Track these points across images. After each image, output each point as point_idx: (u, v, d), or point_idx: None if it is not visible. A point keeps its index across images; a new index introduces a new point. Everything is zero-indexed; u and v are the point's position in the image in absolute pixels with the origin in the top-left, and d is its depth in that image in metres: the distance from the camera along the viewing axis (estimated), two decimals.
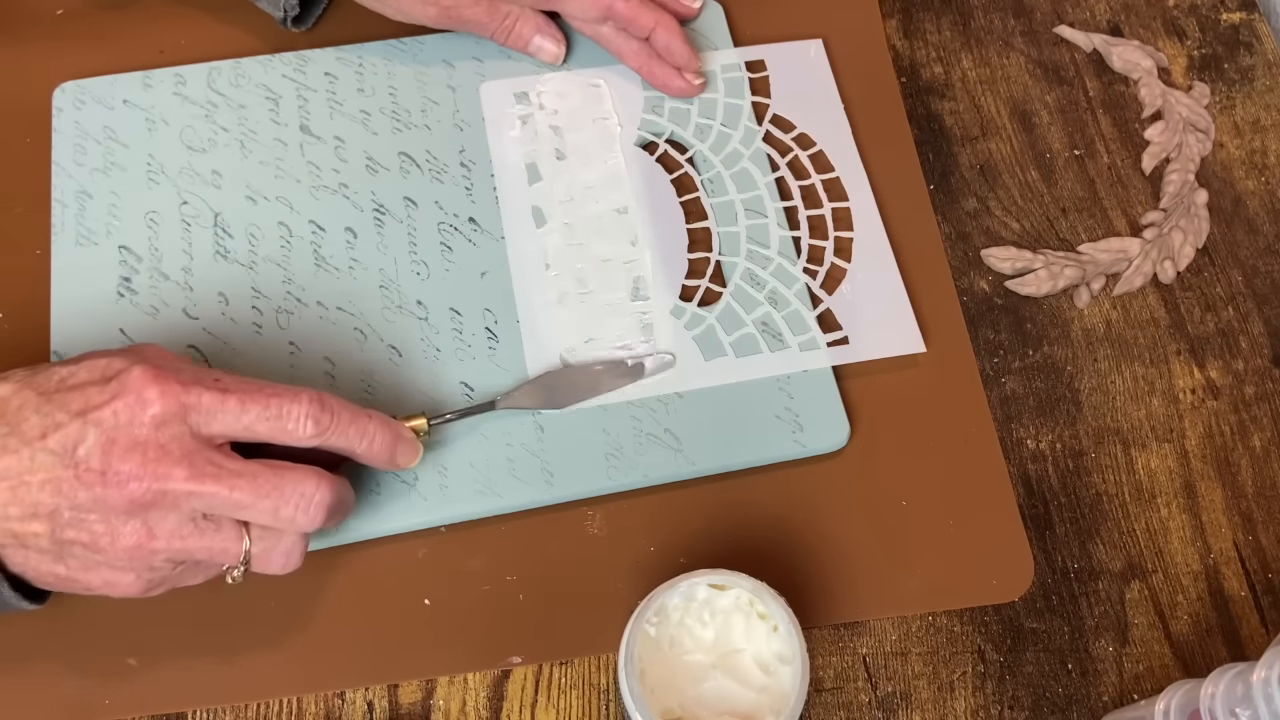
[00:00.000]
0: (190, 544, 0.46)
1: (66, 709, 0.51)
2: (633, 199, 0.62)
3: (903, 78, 0.68)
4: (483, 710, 0.52)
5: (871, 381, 0.59)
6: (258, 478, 0.46)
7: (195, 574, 0.48)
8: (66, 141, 0.62)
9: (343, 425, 0.48)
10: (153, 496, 0.44)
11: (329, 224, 0.60)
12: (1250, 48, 0.70)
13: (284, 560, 0.48)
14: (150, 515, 0.45)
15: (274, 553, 0.48)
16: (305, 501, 0.46)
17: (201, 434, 0.46)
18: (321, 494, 0.47)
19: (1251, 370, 0.61)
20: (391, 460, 0.51)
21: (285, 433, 0.47)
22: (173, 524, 0.45)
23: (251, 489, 0.46)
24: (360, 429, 0.49)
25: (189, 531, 0.45)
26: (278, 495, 0.46)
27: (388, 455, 0.51)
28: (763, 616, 0.46)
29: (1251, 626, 0.55)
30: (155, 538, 0.45)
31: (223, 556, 0.47)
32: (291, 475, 0.47)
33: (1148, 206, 0.65)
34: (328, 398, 0.48)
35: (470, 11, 0.63)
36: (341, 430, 0.48)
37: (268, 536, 0.47)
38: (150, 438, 0.44)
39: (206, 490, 0.45)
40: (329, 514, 0.47)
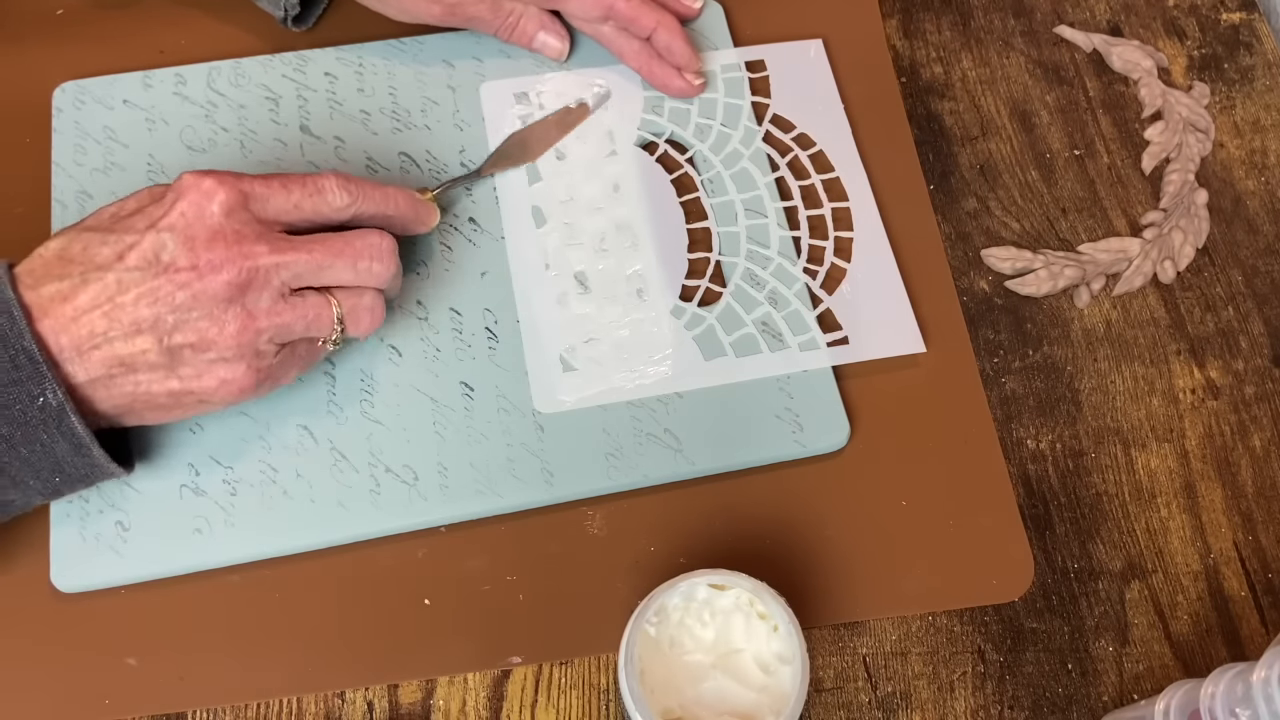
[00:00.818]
0: (287, 317, 0.49)
1: (66, 709, 0.51)
2: (633, 199, 0.62)
3: (903, 78, 0.68)
4: (483, 710, 0.52)
5: (871, 381, 0.59)
6: (329, 242, 0.50)
7: (294, 362, 0.52)
8: (66, 141, 0.62)
9: (368, 191, 0.52)
10: (246, 275, 0.47)
11: None
12: (1250, 48, 0.70)
13: (370, 317, 0.52)
14: (247, 297, 0.48)
15: (360, 310, 0.52)
16: (377, 250, 0.51)
17: (263, 217, 0.49)
18: (387, 242, 0.52)
19: (1251, 370, 0.61)
20: (418, 218, 0.56)
21: (326, 204, 0.51)
22: (267, 302, 0.48)
23: (328, 250, 0.50)
24: (384, 194, 0.53)
25: (283, 307, 0.49)
26: (352, 251, 0.51)
27: (414, 214, 0.55)
28: (763, 616, 0.46)
29: (1251, 626, 0.55)
30: (256, 317, 0.48)
31: (318, 324, 0.50)
32: (356, 233, 0.51)
33: (1148, 206, 0.65)
34: (347, 174, 0.52)
35: (474, 9, 0.63)
36: (368, 195, 0.52)
37: (351, 295, 0.51)
38: (224, 225, 0.47)
39: (289, 259, 0.49)
40: (395, 260, 0.52)
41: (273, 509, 0.54)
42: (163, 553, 0.53)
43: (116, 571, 0.52)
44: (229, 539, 0.53)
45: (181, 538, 0.53)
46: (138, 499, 0.54)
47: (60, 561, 0.52)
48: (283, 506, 0.54)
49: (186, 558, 0.53)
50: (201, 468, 0.54)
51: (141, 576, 0.53)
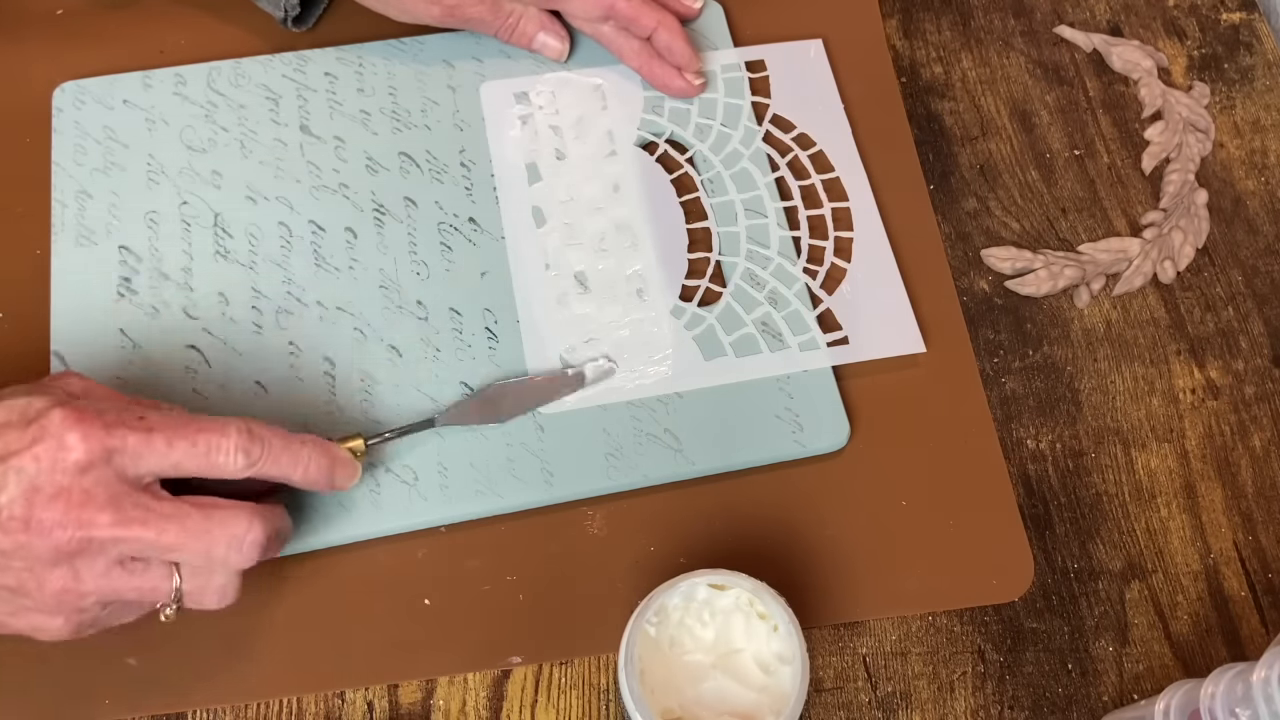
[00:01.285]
0: (119, 585, 0.45)
1: (67, 709, 0.51)
2: (633, 199, 0.62)
3: (903, 78, 0.68)
4: (483, 710, 0.52)
5: (871, 381, 0.59)
6: (187, 519, 0.45)
7: (126, 613, 0.47)
8: (66, 141, 0.62)
9: (274, 453, 0.47)
10: (78, 544, 0.43)
11: (329, 224, 0.60)
12: (1250, 48, 0.70)
13: (219, 597, 0.47)
14: (77, 561, 0.44)
15: (207, 590, 0.46)
16: (237, 542, 0.45)
17: (128, 475, 0.44)
18: (254, 534, 0.46)
19: (1251, 370, 0.61)
20: (330, 483, 0.50)
21: (216, 467, 0.46)
22: (100, 568, 0.44)
23: (180, 531, 0.45)
24: (293, 456, 0.48)
25: (117, 574, 0.45)
26: (208, 537, 0.45)
27: (325, 479, 0.50)
28: (763, 616, 0.46)
29: (1251, 626, 0.55)
30: (82, 582, 0.44)
31: (153, 595, 0.46)
32: (220, 515, 0.45)
33: (1148, 206, 0.65)
34: (257, 426, 0.47)
35: (474, 10, 0.63)
36: (274, 459, 0.47)
37: (200, 574, 0.46)
38: (74, 484, 0.43)
39: (133, 535, 0.44)
40: (263, 550, 0.46)
41: None
42: None
43: None
44: None
45: None
46: None
47: None
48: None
49: None
50: None
51: None
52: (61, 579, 0.44)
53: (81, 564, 0.44)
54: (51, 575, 0.44)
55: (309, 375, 0.57)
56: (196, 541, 0.45)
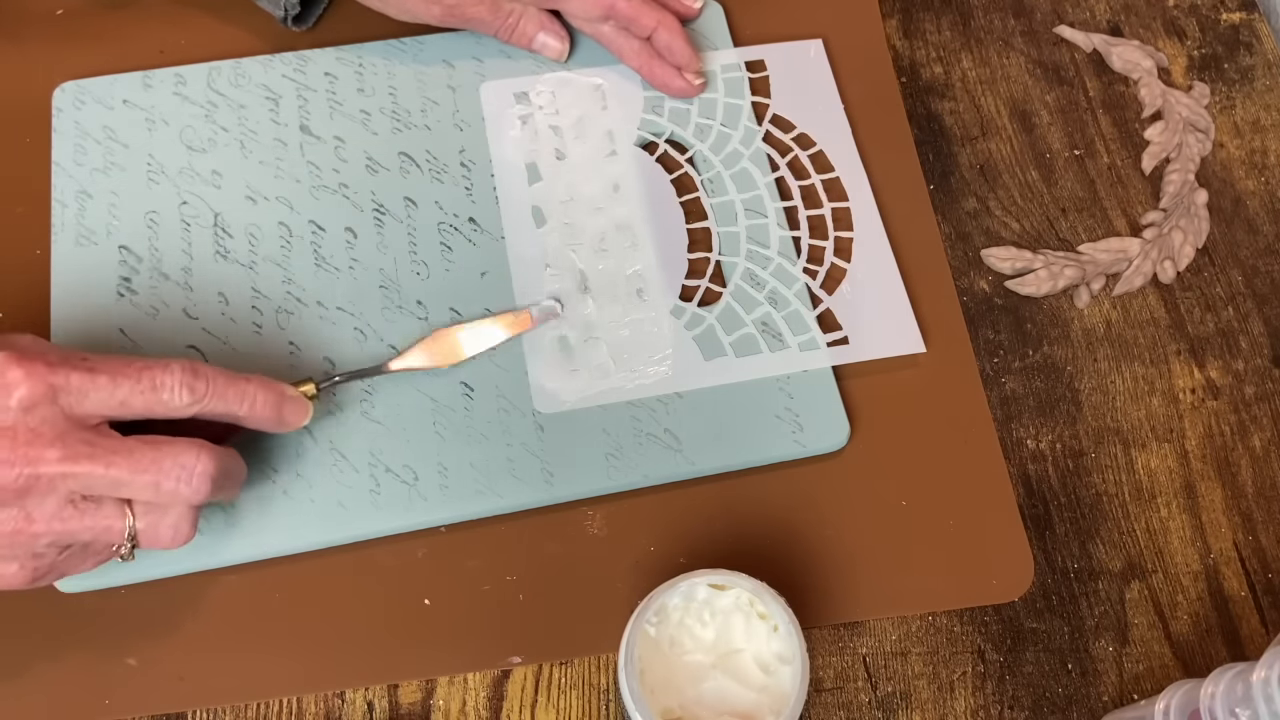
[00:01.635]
0: (71, 525, 0.45)
1: (66, 709, 0.51)
2: (633, 199, 0.62)
3: (903, 78, 0.68)
4: (483, 710, 0.52)
5: (871, 381, 0.59)
6: (134, 453, 0.45)
7: (83, 558, 0.47)
8: (66, 141, 0.62)
9: (219, 389, 0.47)
10: (26, 481, 0.43)
11: (329, 224, 0.60)
12: (1250, 48, 0.70)
13: (172, 534, 0.47)
14: (27, 501, 0.44)
15: (160, 527, 0.47)
16: (186, 473, 0.45)
17: (75, 414, 0.44)
18: (203, 464, 0.46)
19: (1251, 370, 0.61)
20: (280, 420, 0.50)
21: (161, 404, 0.46)
22: (51, 507, 0.44)
23: (129, 465, 0.45)
24: (239, 391, 0.48)
25: (69, 514, 0.44)
26: (156, 469, 0.45)
27: (274, 416, 0.50)
28: (763, 616, 0.46)
29: (1251, 626, 0.55)
30: (34, 522, 0.44)
31: (107, 535, 0.46)
32: (170, 448, 0.45)
33: (1148, 206, 0.65)
34: (201, 365, 0.47)
35: (474, 10, 0.63)
36: (219, 394, 0.47)
37: (152, 512, 0.46)
38: (19, 421, 0.43)
39: (82, 470, 0.44)
40: (214, 485, 0.46)
41: (272, 509, 0.54)
42: (163, 553, 0.53)
43: (116, 571, 0.52)
44: (229, 539, 0.53)
45: None
46: None
47: None
48: (283, 506, 0.54)
49: (186, 558, 0.53)
50: None
51: (141, 576, 0.53)
52: (12, 520, 0.44)
53: (32, 503, 0.44)
54: (2, 516, 0.43)
55: (309, 375, 0.56)
56: (145, 474, 0.45)
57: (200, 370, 0.47)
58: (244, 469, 0.50)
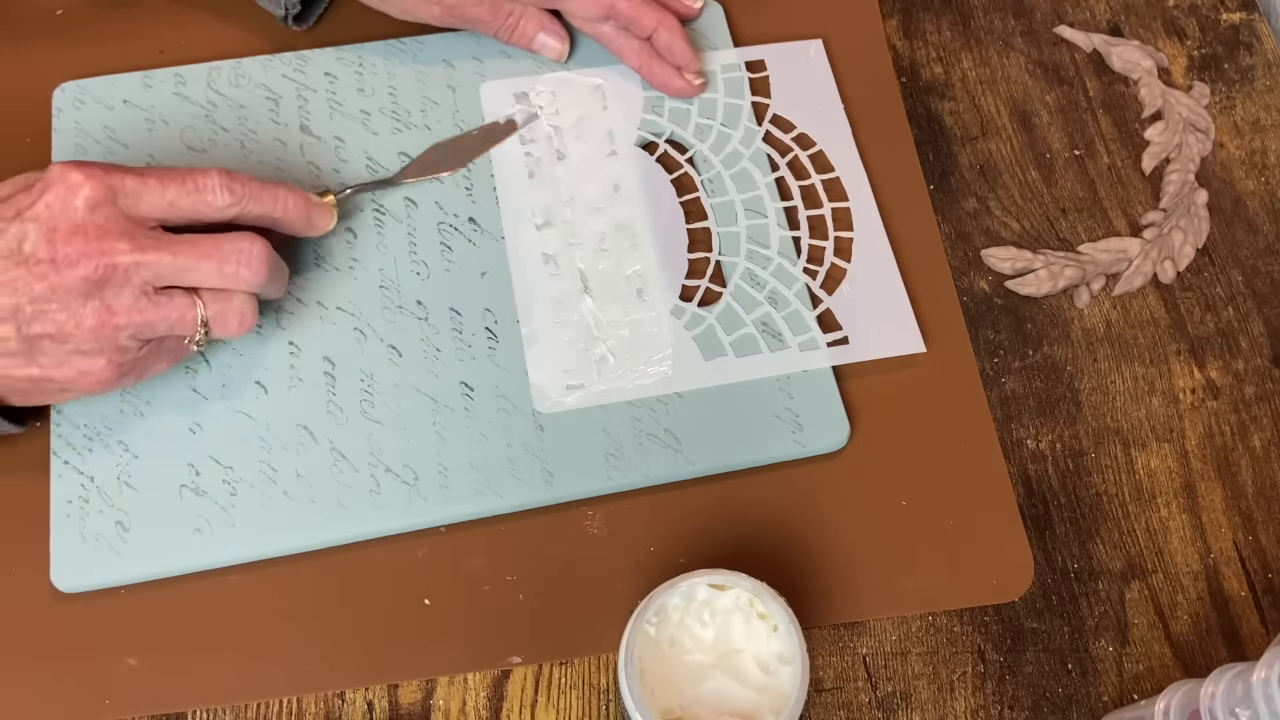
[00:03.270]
0: (149, 315, 0.49)
1: (66, 709, 0.51)
2: (633, 199, 0.62)
3: (903, 78, 0.68)
4: (483, 710, 0.52)
5: (871, 381, 0.59)
6: (196, 243, 0.49)
7: (159, 355, 0.51)
8: (66, 141, 0.62)
9: (255, 191, 0.51)
10: (104, 272, 0.47)
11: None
12: (1250, 48, 0.70)
13: (239, 320, 0.51)
14: (106, 293, 0.47)
15: (229, 313, 0.51)
16: (245, 255, 0.50)
17: (133, 214, 0.48)
18: (258, 248, 0.50)
19: (1251, 370, 0.61)
20: (309, 222, 0.55)
21: (206, 204, 0.50)
22: (129, 298, 0.48)
23: (194, 252, 0.49)
24: (272, 194, 0.52)
25: (145, 304, 0.48)
26: (219, 254, 0.49)
27: (304, 217, 0.54)
28: (763, 616, 0.46)
29: (1251, 626, 0.55)
30: (115, 314, 0.48)
31: (181, 324, 0.50)
32: (227, 236, 0.50)
33: (1148, 206, 0.65)
34: (235, 172, 0.51)
35: (474, 10, 0.63)
36: (255, 196, 0.51)
37: (219, 299, 0.50)
38: (87, 220, 0.47)
39: (151, 258, 0.48)
40: (269, 270, 0.51)
41: (273, 509, 0.54)
42: (163, 553, 0.53)
43: (116, 571, 0.52)
44: (229, 539, 0.53)
45: (181, 538, 0.53)
46: (137, 499, 0.54)
47: (60, 561, 0.52)
48: (283, 506, 0.54)
49: (186, 558, 0.53)
50: (201, 468, 0.54)
51: (141, 576, 0.53)
52: (96, 313, 0.47)
53: (110, 294, 0.48)
54: (86, 310, 0.47)
55: (309, 375, 0.57)
56: (209, 260, 0.49)
57: (236, 175, 0.51)
58: (286, 269, 0.54)
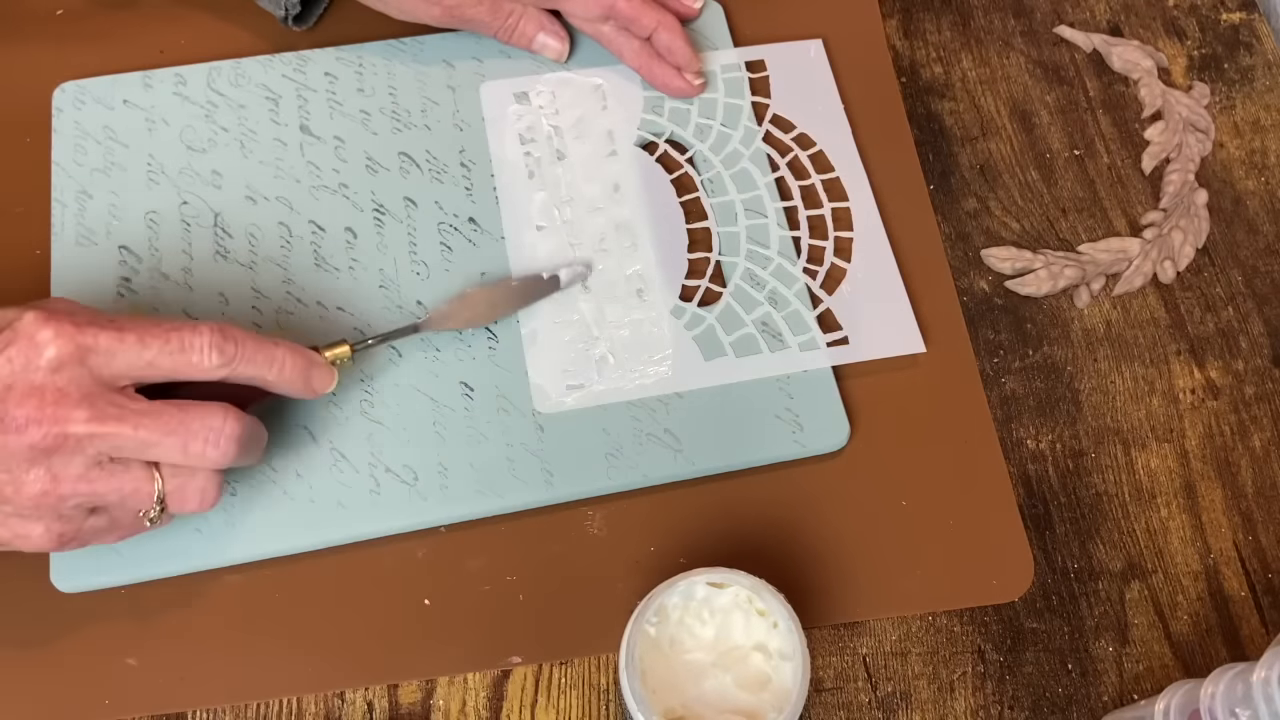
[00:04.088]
0: (98, 487, 0.45)
1: (66, 709, 0.51)
2: (632, 199, 0.62)
3: (903, 78, 0.68)
4: (483, 710, 0.52)
5: (871, 381, 0.59)
6: (162, 415, 0.45)
7: (110, 527, 0.47)
8: (66, 141, 0.62)
9: (249, 353, 0.47)
10: (54, 441, 0.43)
11: (329, 224, 0.60)
12: (1250, 48, 0.70)
13: (199, 499, 0.47)
14: (54, 461, 0.44)
15: (188, 490, 0.47)
16: (214, 435, 0.46)
17: (103, 376, 0.45)
18: (230, 427, 0.46)
19: (1251, 370, 0.61)
20: (307, 386, 0.50)
21: (190, 365, 0.46)
22: (78, 468, 0.44)
23: (157, 426, 0.45)
24: (268, 355, 0.48)
25: (96, 475, 0.45)
26: (185, 431, 0.45)
27: (301, 381, 0.50)
28: (762, 613, 0.46)
29: (1251, 626, 0.55)
30: (61, 483, 0.44)
31: (135, 498, 0.46)
32: (197, 410, 0.46)
33: (1148, 206, 0.65)
34: (230, 327, 0.47)
35: (473, 10, 0.63)
36: (248, 358, 0.47)
37: (180, 474, 0.46)
38: (48, 382, 0.43)
39: (109, 431, 0.44)
40: (240, 448, 0.47)
41: (273, 509, 0.54)
42: (163, 553, 0.53)
43: (116, 571, 0.52)
44: (229, 539, 0.53)
45: (181, 538, 0.53)
46: None
47: (60, 561, 0.52)
48: (283, 506, 0.54)
49: (186, 558, 0.53)
50: None
51: (141, 576, 0.53)
52: (39, 481, 0.44)
53: (58, 463, 0.44)
54: (29, 477, 0.44)
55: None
56: (173, 436, 0.45)
57: (229, 333, 0.47)
58: (265, 434, 0.50)
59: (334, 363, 0.52)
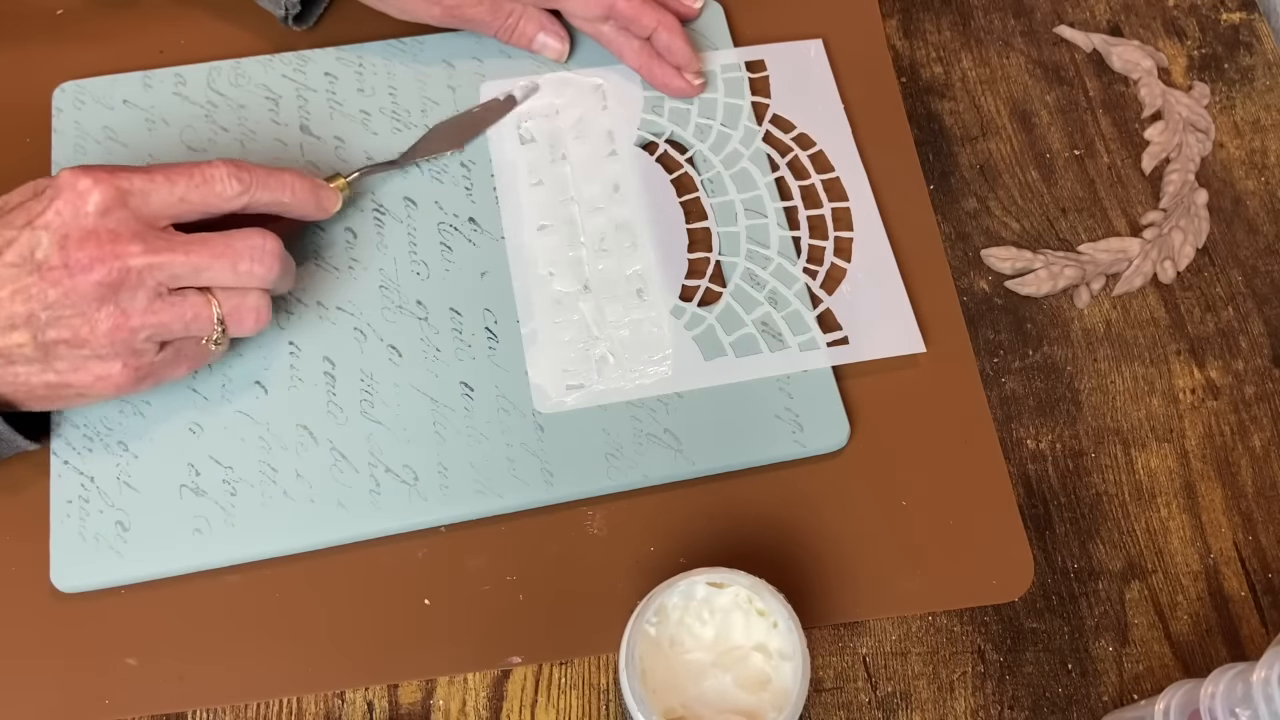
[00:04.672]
0: (164, 316, 0.49)
1: (66, 709, 0.51)
2: (632, 199, 0.62)
3: (903, 78, 0.68)
4: (483, 710, 0.52)
5: (871, 381, 0.59)
6: (209, 242, 0.50)
7: (180, 360, 0.52)
8: (66, 141, 0.62)
9: (261, 178, 0.52)
10: (117, 275, 0.47)
11: (329, 224, 0.60)
12: (1250, 48, 0.70)
13: (255, 317, 0.52)
14: (120, 296, 0.48)
15: (244, 310, 0.51)
16: (259, 252, 0.50)
17: (144, 214, 0.48)
18: (270, 243, 0.51)
19: (1251, 370, 0.61)
20: (318, 204, 0.55)
21: (215, 195, 0.50)
22: (143, 301, 0.48)
23: (207, 251, 0.49)
24: (279, 180, 0.53)
25: (160, 306, 0.49)
26: (232, 252, 0.50)
27: (312, 200, 0.55)
28: (761, 613, 0.46)
29: (1251, 626, 0.55)
30: (130, 316, 0.48)
31: (197, 324, 0.50)
32: (239, 234, 0.50)
33: (1148, 206, 0.65)
34: (239, 160, 0.51)
35: (473, 10, 0.63)
36: (262, 183, 0.52)
37: (233, 296, 0.51)
38: (99, 225, 0.47)
39: (164, 260, 0.48)
40: (281, 265, 0.51)
41: (273, 509, 0.54)
42: (163, 553, 0.53)
43: (116, 571, 0.52)
44: (229, 539, 0.53)
45: (181, 538, 0.53)
46: (137, 499, 0.54)
47: (60, 561, 0.52)
48: (283, 506, 0.54)
49: (186, 558, 0.53)
50: (201, 468, 0.54)
51: (141, 576, 0.53)
52: (110, 316, 0.48)
53: (125, 298, 0.48)
54: (100, 315, 0.47)
55: (309, 375, 0.57)
56: (222, 258, 0.50)
57: (241, 163, 0.51)
58: (294, 263, 0.54)
59: None
